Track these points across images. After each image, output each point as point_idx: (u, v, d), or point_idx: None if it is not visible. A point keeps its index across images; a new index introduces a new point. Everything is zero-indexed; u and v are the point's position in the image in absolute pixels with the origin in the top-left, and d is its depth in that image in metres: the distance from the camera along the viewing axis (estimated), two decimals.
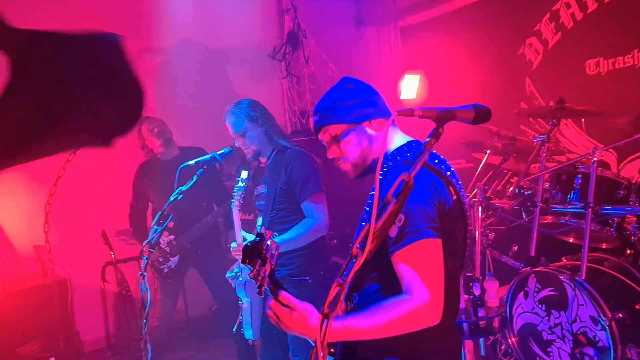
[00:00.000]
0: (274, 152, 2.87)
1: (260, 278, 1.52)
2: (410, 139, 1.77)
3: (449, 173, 1.66)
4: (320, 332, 1.12)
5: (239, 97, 2.98)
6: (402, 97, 5.10)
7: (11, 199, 4.43)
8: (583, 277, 2.87)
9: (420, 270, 1.46)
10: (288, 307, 1.53)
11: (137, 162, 3.89)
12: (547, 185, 3.25)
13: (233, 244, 2.73)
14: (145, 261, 2.46)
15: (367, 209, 1.74)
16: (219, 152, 2.72)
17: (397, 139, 1.74)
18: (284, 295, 1.55)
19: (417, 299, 1.44)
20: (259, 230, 2.84)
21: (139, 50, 5.05)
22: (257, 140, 2.85)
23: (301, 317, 1.51)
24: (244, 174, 2.74)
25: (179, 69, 5.19)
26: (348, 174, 1.79)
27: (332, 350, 1.72)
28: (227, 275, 2.81)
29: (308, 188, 2.74)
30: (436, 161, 1.65)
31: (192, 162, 2.65)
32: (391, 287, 1.54)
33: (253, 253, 1.54)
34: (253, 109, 2.85)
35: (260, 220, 2.89)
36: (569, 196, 3.15)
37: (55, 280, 3.84)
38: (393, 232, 1.49)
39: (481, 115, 1.43)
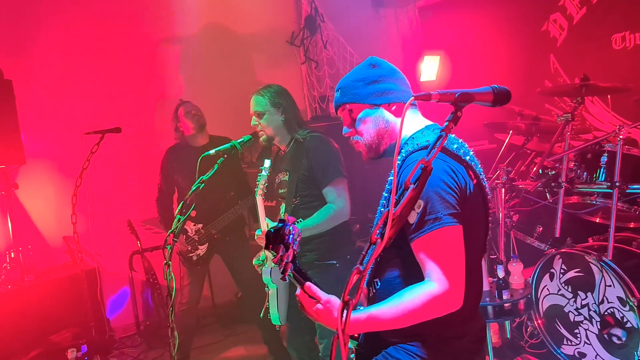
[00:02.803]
0: (293, 140, 2.87)
1: (283, 263, 1.53)
2: (430, 123, 1.75)
3: (468, 157, 1.64)
4: (341, 319, 1.12)
5: (258, 84, 2.99)
6: (422, 79, 5.04)
7: (40, 192, 4.54)
8: (610, 258, 2.83)
9: (440, 257, 1.46)
10: (314, 298, 1.55)
11: (160, 153, 3.94)
12: (572, 164, 3.19)
13: (258, 232, 2.75)
14: (170, 250, 2.49)
15: (386, 194, 1.73)
16: (238, 141, 2.72)
17: (416, 124, 1.72)
18: (309, 286, 1.56)
19: (438, 286, 1.44)
20: (282, 217, 2.87)
21: (160, 40, 5.09)
22: (273, 126, 2.85)
23: (326, 309, 1.53)
24: (267, 163, 2.74)
25: (198, 58, 5.22)
26: (362, 155, 1.79)
27: (355, 335, 1.73)
28: (254, 262, 2.83)
29: (329, 174, 2.74)
30: (455, 146, 1.63)
31: (212, 151, 2.65)
32: (412, 272, 1.54)
33: (276, 239, 1.55)
34: (279, 96, 2.86)
35: (283, 208, 2.90)
36: (594, 175, 3.09)
37: (84, 270, 3.93)
38: (412, 218, 1.48)
39: (500, 97, 1.41)
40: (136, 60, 4.94)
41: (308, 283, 1.57)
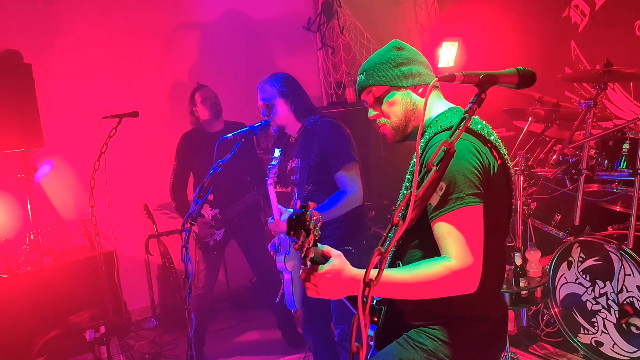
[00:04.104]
0: (303, 127, 2.85)
1: (305, 249, 1.52)
2: (452, 105, 1.74)
3: (492, 138, 1.63)
4: (362, 299, 1.12)
5: (274, 69, 2.97)
6: (440, 65, 4.99)
7: (59, 176, 4.59)
8: (630, 247, 2.79)
9: (460, 236, 1.45)
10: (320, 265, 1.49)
11: (177, 138, 3.96)
12: (592, 152, 3.15)
13: (270, 219, 2.75)
14: (187, 233, 2.50)
15: (408, 176, 1.72)
16: (256, 125, 2.73)
17: (439, 106, 1.72)
18: (327, 248, 1.52)
19: (456, 263, 1.43)
20: (295, 204, 2.87)
21: (178, 25, 5.10)
22: (283, 116, 2.82)
23: (332, 274, 1.47)
24: (277, 152, 2.73)
25: (216, 43, 5.22)
26: (387, 138, 1.78)
27: (375, 319, 1.73)
28: (269, 247, 2.84)
29: (341, 159, 2.71)
30: (479, 126, 1.62)
31: (229, 135, 2.66)
32: (434, 255, 1.53)
33: (297, 224, 1.53)
34: (287, 84, 2.82)
35: (296, 195, 2.90)
36: (616, 163, 3.04)
37: (102, 253, 3.97)
38: (434, 200, 1.47)
39: (525, 79, 1.39)
40: (155, 45, 4.95)
41: (325, 248, 1.53)
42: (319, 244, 1.54)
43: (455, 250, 1.44)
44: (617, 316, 2.86)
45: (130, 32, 4.82)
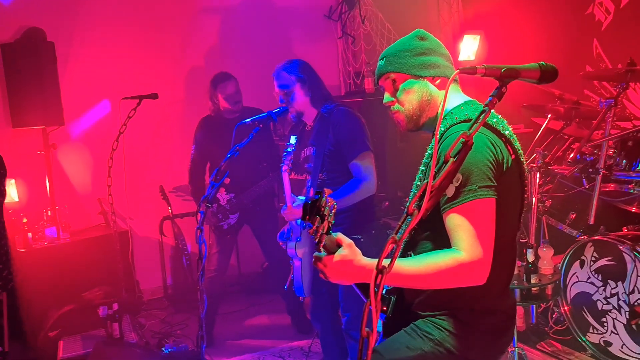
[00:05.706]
0: (319, 115, 2.86)
1: (319, 235, 1.54)
2: (468, 98, 1.74)
3: (507, 132, 1.63)
4: (375, 285, 1.14)
5: (294, 57, 2.97)
6: (461, 58, 4.95)
7: (77, 154, 4.65)
8: None
9: (471, 229, 1.46)
10: (333, 252, 1.51)
11: (196, 121, 3.99)
12: (611, 151, 3.12)
13: (284, 207, 2.77)
14: (203, 216, 2.53)
15: (423, 168, 1.73)
16: (275, 111, 2.74)
17: (455, 99, 1.72)
18: (340, 236, 1.54)
19: (465, 255, 1.44)
20: (307, 192, 2.89)
21: (201, 9, 5.11)
22: (300, 102, 2.83)
23: (343, 262, 1.49)
24: (293, 139, 2.75)
25: (237, 30, 5.23)
26: (400, 125, 1.78)
27: (384, 308, 1.75)
28: (277, 238, 2.86)
29: (356, 148, 2.72)
30: (494, 120, 1.62)
31: (248, 120, 2.68)
32: (444, 247, 1.54)
33: (312, 210, 1.55)
34: (303, 70, 2.83)
35: (310, 183, 2.91)
36: (634, 164, 3.02)
37: (117, 232, 4.03)
38: (450, 192, 1.48)
39: (547, 74, 1.39)
40: (176, 28, 4.97)
41: (339, 235, 1.56)
42: (332, 231, 1.56)
43: (464, 243, 1.45)
44: (627, 317, 2.85)
45: (153, 14, 4.84)
